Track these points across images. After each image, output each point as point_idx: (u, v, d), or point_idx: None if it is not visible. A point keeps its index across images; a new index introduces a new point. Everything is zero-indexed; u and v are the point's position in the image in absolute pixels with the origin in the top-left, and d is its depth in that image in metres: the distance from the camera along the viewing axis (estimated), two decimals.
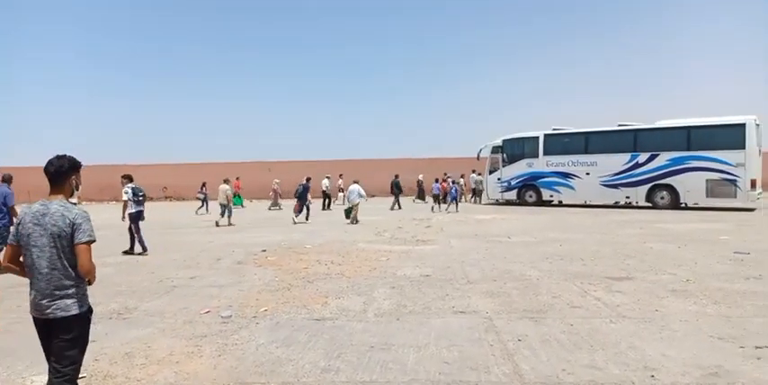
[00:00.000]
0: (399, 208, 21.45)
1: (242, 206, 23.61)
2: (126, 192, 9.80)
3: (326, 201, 22.52)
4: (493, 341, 4.37)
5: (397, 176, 23.03)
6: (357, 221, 15.69)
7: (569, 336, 4.44)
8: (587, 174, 20.18)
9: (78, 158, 2.89)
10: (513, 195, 22.42)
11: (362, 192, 16.39)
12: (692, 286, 6.30)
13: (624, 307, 5.41)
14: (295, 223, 15.62)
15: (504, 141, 22.78)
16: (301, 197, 16.28)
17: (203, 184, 21.76)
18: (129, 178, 10.02)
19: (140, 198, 9.88)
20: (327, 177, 23.10)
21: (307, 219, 16.30)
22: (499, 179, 22.77)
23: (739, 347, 4.07)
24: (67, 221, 2.66)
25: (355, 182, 16.97)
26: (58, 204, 2.71)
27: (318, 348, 4.26)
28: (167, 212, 21.34)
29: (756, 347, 4.05)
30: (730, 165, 17.14)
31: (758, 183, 17.35)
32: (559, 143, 21.16)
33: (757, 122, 17.25)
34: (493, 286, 6.54)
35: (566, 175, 20.76)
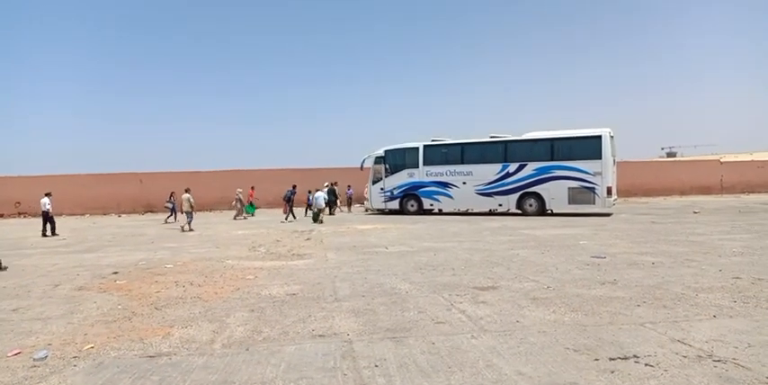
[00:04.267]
0: (332, 214, 23.79)
1: (252, 215, 24.43)
2: None
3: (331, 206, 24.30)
4: (348, 369, 3.98)
5: (334, 184, 24.76)
6: (322, 222, 19.29)
7: (429, 357, 4.18)
8: (464, 183, 20.87)
9: None
10: (395, 205, 22.60)
11: (326, 197, 20.28)
12: (552, 293, 6.42)
13: (487, 319, 5.31)
14: (283, 222, 19.97)
15: (386, 152, 22.94)
16: (289, 200, 20.98)
17: (171, 194, 22.54)
18: None
19: None
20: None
21: (294, 217, 21.10)
22: (382, 189, 22.87)
23: (594, 360, 4.02)
24: None
25: (318, 190, 20.80)
26: None
27: None
28: (17, 230, 18.78)
29: (610, 359, 4.03)
30: (589, 173, 18.56)
31: (614, 190, 18.98)
32: (438, 153, 21.72)
33: (611, 134, 18.86)
34: (360, 303, 6.20)
35: (444, 185, 21.31)
